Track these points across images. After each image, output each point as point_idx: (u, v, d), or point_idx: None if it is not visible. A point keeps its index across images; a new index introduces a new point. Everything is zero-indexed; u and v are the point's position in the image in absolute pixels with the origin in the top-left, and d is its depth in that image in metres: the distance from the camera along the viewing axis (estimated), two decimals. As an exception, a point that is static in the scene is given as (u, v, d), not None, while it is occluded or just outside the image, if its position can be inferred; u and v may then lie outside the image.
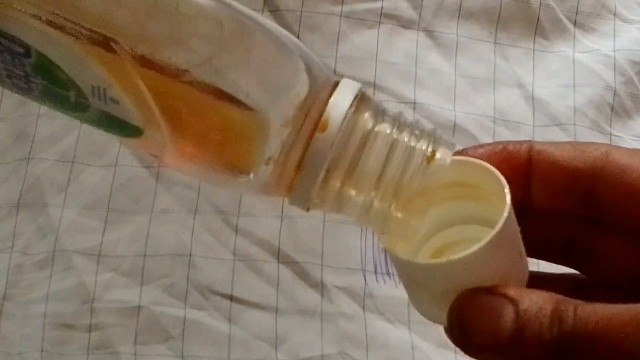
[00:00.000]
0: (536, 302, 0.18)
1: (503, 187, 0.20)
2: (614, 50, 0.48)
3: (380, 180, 0.19)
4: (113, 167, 0.42)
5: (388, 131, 0.19)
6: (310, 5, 0.46)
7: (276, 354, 0.38)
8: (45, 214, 0.40)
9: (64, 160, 0.42)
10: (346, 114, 0.18)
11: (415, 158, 0.19)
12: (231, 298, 0.39)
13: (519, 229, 0.20)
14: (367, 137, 0.18)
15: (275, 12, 0.46)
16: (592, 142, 0.20)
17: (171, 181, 0.42)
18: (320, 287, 0.40)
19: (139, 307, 0.39)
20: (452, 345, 0.41)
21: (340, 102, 0.19)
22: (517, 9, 0.48)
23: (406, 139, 0.19)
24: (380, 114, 0.19)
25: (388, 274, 0.41)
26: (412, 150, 0.19)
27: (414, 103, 0.45)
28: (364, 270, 0.41)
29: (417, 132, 0.19)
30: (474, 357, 0.19)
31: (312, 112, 0.18)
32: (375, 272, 0.41)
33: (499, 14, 0.48)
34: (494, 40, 0.47)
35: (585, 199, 0.20)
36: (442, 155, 0.19)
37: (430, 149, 0.19)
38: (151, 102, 0.18)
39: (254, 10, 0.50)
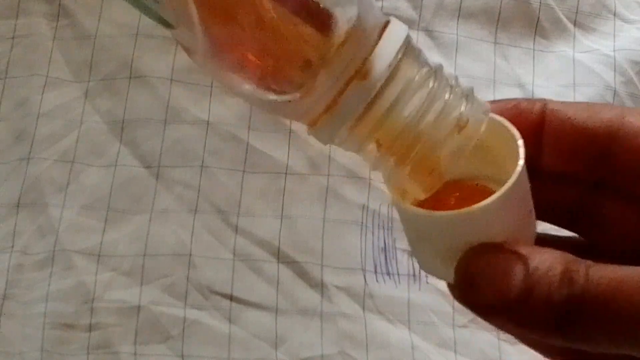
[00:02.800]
0: (546, 260, 0.17)
1: (516, 141, 0.19)
2: (614, 50, 0.48)
3: (406, 136, 0.18)
4: (113, 167, 0.42)
5: (426, 87, 0.18)
6: (310, 5, 0.46)
7: (276, 353, 0.38)
8: (45, 214, 0.40)
9: (64, 160, 0.42)
10: (390, 65, 0.17)
11: (448, 123, 0.18)
12: (231, 298, 0.40)
13: (529, 186, 0.20)
14: (405, 89, 0.18)
15: (275, 12, 0.46)
16: (607, 104, 0.20)
17: (171, 181, 0.42)
18: (320, 287, 0.40)
19: (138, 307, 0.39)
20: (451, 345, 0.41)
21: (385, 52, 0.18)
22: (517, 8, 0.48)
23: (445, 97, 0.18)
24: (422, 65, 0.18)
25: (388, 274, 0.41)
26: (447, 112, 0.18)
27: (414, 103, 0.45)
28: (364, 270, 0.41)
29: (456, 90, 0.19)
30: (481, 316, 0.18)
31: (357, 52, 0.17)
32: (375, 272, 0.41)
33: (499, 14, 0.48)
34: (494, 40, 0.47)
35: (598, 161, 0.19)
36: (474, 125, 0.19)
37: (465, 117, 0.18)
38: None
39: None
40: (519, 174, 0.18)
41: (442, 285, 0.41)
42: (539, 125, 0.20)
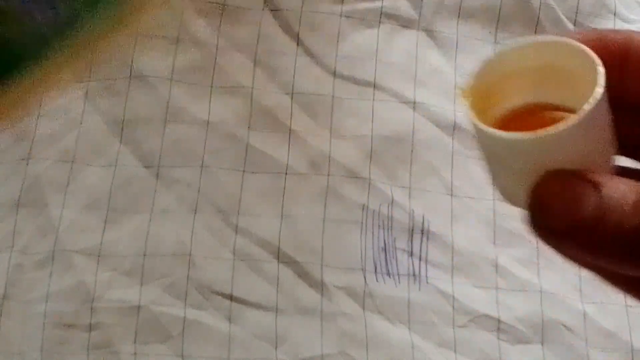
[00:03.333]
0: (620, 189, 0.17)
1: (596, 66, 0.19)
2: (614, 50, 0.48)
3: None
4: (113, 167, 0.42)
5: None
6: (311, 4, 0.46)
7: (276, 353, 0.38)
8: (45, 214, 0.40)
9: (64, 160, 0.42)
10: None
11: None
12: (231, 298, 0.39)
13: (611, 116, 0.19)
14: None
15: (275, 11, 0.46)
16: None
17: (171, 181, 0.42)
18: (320, 286, 0.40)
19: (139, 306, 0.39)
20: (451, 344, 0.41)
21: None
22: (517, 8, 0.48)
23: None
24: None
25: (388, 274, 0.41)
26: None
27: (414, 102, 0.45)
28: (364, 270, 0.41)
29: None
30: (551, 244, 0.18)
31: None
32: (375, 272, 0.41)
33: (499, 14, 0.48)
34: (494, 39, 0.47)
35: None
36: None
37: None
38: None
39: (254, 10, 0.50)
40: (596, 102, 0.18)
41: (442, 285, 0.41)
42: (623, 56, 0.20)
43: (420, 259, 0.41)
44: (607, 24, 0.49)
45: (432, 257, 0.41)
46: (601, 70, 0.18)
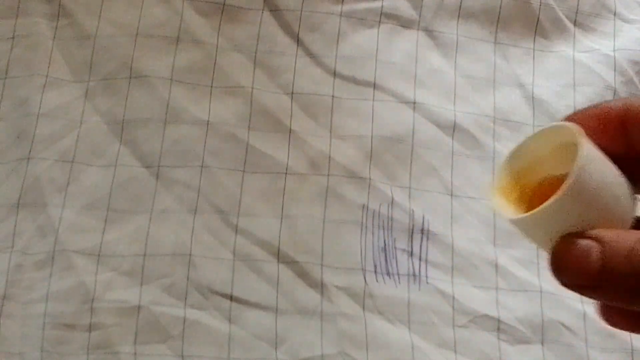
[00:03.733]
0: (616, 240, 0.21)
1: (578, 137, 0.22)
2: (614, 50, 0.48)
3: None
4: (113, 167, 0.42)
5: None
6: (310, 4, 0.46)
7: (276, 354, 0.38)
8: (45, 214, 0.40)
9: (64, 160, 0.42)
10: None
11: None
12: (231, 298, 0.39)
13: (615, 173, 0.23)
14: None
15: (275, 11, 0.46)
16: None
17: (171, 181, 0.42)
18: (320, 287, 0.40)
19: (139, 307, 0.39)
20: (451, 345, 0.41)
21: None
22: (517, 8, 0.48)
23: None
24: None
25: (388, 274, 0.41)
26: None
27: (414, 103, 0.45)
28: (364, 270, 0.41)
29: None
30: (572, 291, 0.22)
31: None
32: (375, 272, 0.41)
33: (499, 14, 0.48)
34: (494, 40, 0.47)
35: None
36: None
37: None
38: None
39: (254, 10, 0.50)
40: (577, 171, 0.22)
41: (442, 285, 0.41)
42: (622, 119, 0.23)
43: (420, 259, 0.41)
44: (607, 24, 0.49)
45: (432, 257, 0.41)
46: (582, 140, 0.22)
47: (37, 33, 0.45)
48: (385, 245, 0.41)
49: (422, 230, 0.42)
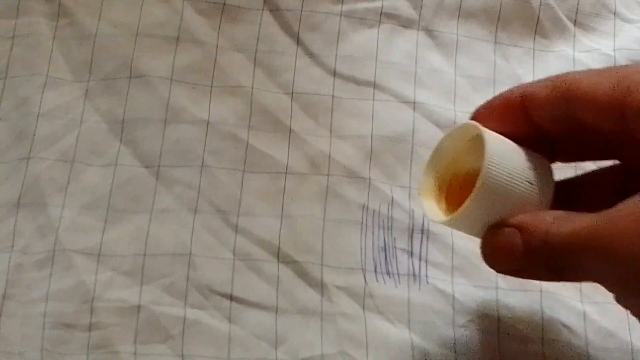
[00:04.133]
0: (533, 225, 0.23)
1: (482, 134, 0.25)
2: (614, 50, 0.48)
3: None
4: (113, 167, 0.42)
5: None
6: (310, 4, 0.46)
7: (276, 353, 0.38)
8: (45, 214, 0.40)
9: (64, 159, 0.42)
10: None
11: None
12: (231, 298, 0.40)
13: (525, 158, 0.25)
14: None
15: (275, 11, 0.46)
16: (565, 74, 0.24)
17: (171, 181, 0.42)
18: (320, 286, 0.40)
19: (138, 306, 0.39)
20: (451, 344, 0.42)
21: None
22: (517, 8, 0.48)
23: None
24: None
25: (388, 273, 0.41)
26: None
27: (414, 102, 0.45)
28: (364, 270, 0.41)
29: None
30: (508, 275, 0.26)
31: None
32: (375, 272, 0.41)
33: (499, 14, 0.48)
34: (494, 39, 0.47)
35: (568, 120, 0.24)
36: None
37: None
38: None
39: (254, 9, 0.50)
40: (486, 168, 0.24)
41: (442, 285, 0.41)
42: (522, 105, 0.25)
43: (420, 259, 0.41)
44: (607, 23, 0.49)
45: (432, 257, 0.41)
46: (486, 137, 0.24)
47: (37, 33, 0.45)
48: (385, 245, 0.41)
49: (422, 230, 0.42)
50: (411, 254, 0.41)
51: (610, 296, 0.42)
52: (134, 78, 0.44)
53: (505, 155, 0.24)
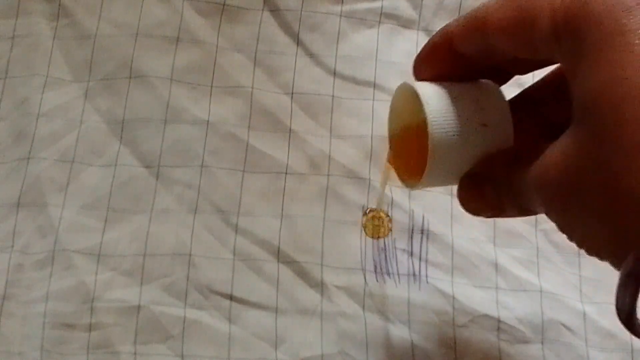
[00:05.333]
0: (495, 173, 0.25)
1: (423, 108, 0.25)
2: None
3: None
4: (113, 167, 0.42)
5: None
6: (310, 4, 0.46)
7: (276, 353, 0.38)
8: (45, 214, 0.40)
9: (64, 159, 0.42)
10: None
11: None
12: (231, 298, 0.40)
13: (470, 100, 0.25)
14: None
15: (275, 11, 0.46)
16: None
17: (171, 181, 0.42)
18: (320, 286, 0.40)
19: (138, 306, 0.39)
20: (451, 344, 0.41)
21: None
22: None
23: None
24: None
25: (388, 273, 0.41)
26: None
27: (414, 103, 0.45)
28: (364, 270, 0.41)
29: None
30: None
31: None
32: (375, 272, 0.41)
33: (499, 14, 0.48)
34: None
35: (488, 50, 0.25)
36: None
37: None
38: None
39: (254, 9, 0.50)
40: (432, 130, 0.24)
41: (442, 285, 0.41)
42: (448, 46, 0.26)
43: (420, 259, 0.41)
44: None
45: (432, 257, 0.41)
46: (424, 101, 0.24)
47: (37, 33, 0.45)
48: (385, 245, 0.41)
49: (422, 230, 0.42)
50: (411, 254, 0.41)
51: (610, 296, 0.42)
52: (134, 78, 0.44)
53: (448, 109, 0.24)
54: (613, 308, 0.43)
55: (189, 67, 0.44)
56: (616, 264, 0.21)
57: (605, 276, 0.42)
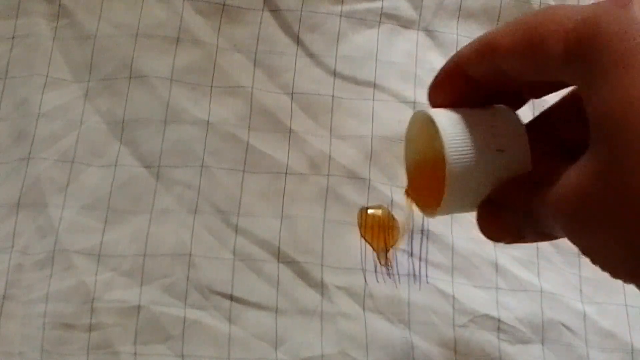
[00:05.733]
0: (513, 200, 0.24)
1: (439, 131, 0.24)
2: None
3: None
4: (113, 167, 0.42)
5: None
6: (310, 5, 0.46)
7: (276, 353, 0.38)
8: (45, 214, 0.40)
9: (64, 160, 0.42)
10: None
11: None
12: (231, 298, 0.40)
13: (488, 125, 0.24)
14: None
15: (275, 12, 0.46)
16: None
17: (171, 181, 0.42)
18: (320, 287, 0.40)
19: (139, 307, 0.39)
20: (451, 345, 0.41)
21: None
22: (518, 8, 0.48)
23: None
24: None
25: (388, 274, 0.41)
26: None
27: (414, 103, 0.45)
28: (364, 270, 0.41)
29: None
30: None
31: None
32: (375, 272, 0.41)
33: (499, 14, 0.48)
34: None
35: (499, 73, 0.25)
36: None
37: None
38: None
39: (254, 10, 0.50)
40: (449, 157, 0.23)
41: (442, 285, 0.41)
42: (461, 72, 0.26)
43: (420, 259, 0.41)
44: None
45: (432, 257, 0.41)
46: (441, 132, 0.24)
47: (37, 33, 0.45)
48: (385, 245, 0.41)
49: (422, 230, 0.42)
50: (411, 254, 0.41)
51: (610, 296, 0.42)
52: (134, 78, 0.44)
53: (464, 135, 0.24)
54: (613, 308, 0.43)
55: (189, 67, 0.44)
56: None
57: (605, 276, 0.42)
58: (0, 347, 0.38)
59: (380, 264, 0.41)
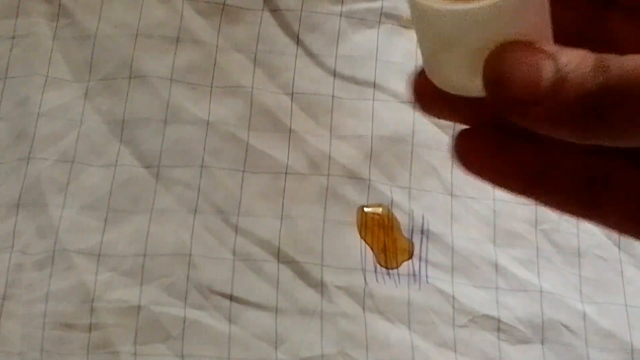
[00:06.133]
0: (577, 55, 0.17)
1: None
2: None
3: None
4: (113, 167, 0.42)
5: None
6: (310, 4, 0.46)
7: (276, 353, 0.38)
8: (45, 214, 0.40)
9: (64, 160, 0.42)
10: None
11: None
12: (231, 298, 0.40)
13: None
14: None
15: (275, 11, 0.46)
16: None
17: (171, 181, 0.42)
18: (320, 287, 0.40)
19: (139, 306, 0.39)
20: (451, 345, 0.41)
21: None
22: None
23: None
24: None
25: (388, 274, 0.41)
26: None
27: (414, 102, 0.45)
28: (364, 270, 0.41)
29: None
30: (511, 114, 0.18)
31: None
32: (375, 272, 0.41)
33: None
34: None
35: None
36: None
37: None
38: None
39: (254, 10, 0.50)
40: None
41: (442, 285, 0.41)
42: None
43: (420, 259, 0.41)
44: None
45: (432, 257, 0.41)
46: None
47: (37, 33, 0.45)
48: (385, 245, 0.41)
49: (422, 230, 0.42)
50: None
51: (610, 296, 0.42)
52: (134, 78, 0.44)
53: None
54: (613, 308, 0.43)
55: (189, 67, 0.44)
56: None
57: (605, 276, 0.42)
58: (0, 347, 0.38)
59: (380, 264, 0.41)
